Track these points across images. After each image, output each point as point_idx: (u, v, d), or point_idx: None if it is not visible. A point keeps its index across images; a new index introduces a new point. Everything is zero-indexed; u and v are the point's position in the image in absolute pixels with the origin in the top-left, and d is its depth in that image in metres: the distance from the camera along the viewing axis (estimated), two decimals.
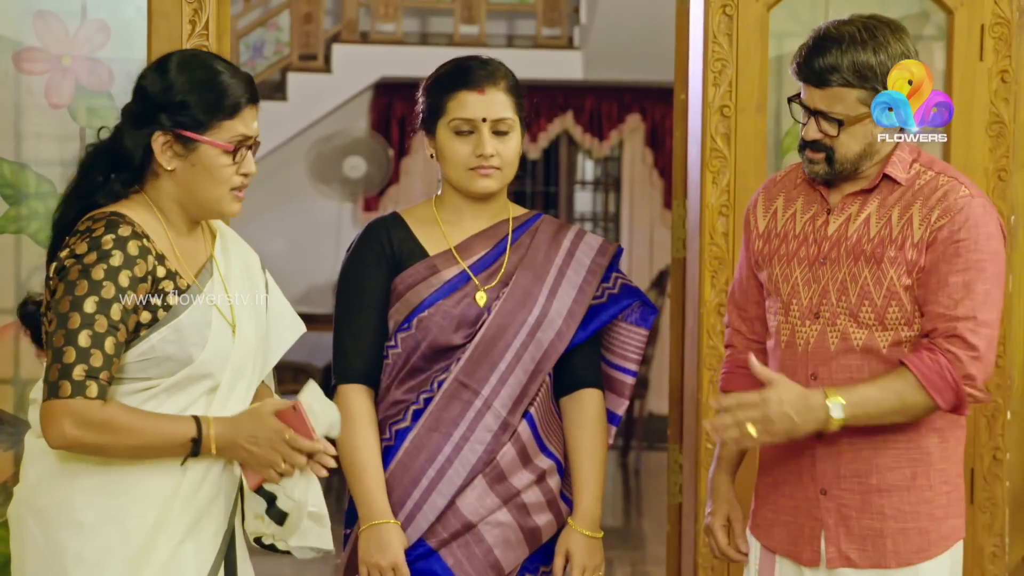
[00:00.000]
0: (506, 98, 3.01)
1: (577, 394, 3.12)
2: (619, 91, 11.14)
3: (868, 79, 2.84)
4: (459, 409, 3.00)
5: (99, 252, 2.55)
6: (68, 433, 2.53)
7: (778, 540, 3.01)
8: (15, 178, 3.61)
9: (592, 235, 3.18)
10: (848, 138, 2.88)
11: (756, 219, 3.08)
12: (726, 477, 3.12)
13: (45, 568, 2.61)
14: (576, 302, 3.07)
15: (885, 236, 2.89)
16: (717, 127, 3.79)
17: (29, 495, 2.66)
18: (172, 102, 2.64)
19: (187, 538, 2.63)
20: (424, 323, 3.01)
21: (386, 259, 3.07)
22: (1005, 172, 3.84)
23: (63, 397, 2.53)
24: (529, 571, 3.08)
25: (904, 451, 2.91)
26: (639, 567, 6.69)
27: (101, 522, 2.59)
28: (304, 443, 2.63)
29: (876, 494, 2.91)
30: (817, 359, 2.93)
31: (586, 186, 11.92)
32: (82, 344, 2.52)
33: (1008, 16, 3.83)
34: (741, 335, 3.13)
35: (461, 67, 3.04)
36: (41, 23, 3.58)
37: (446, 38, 11.04)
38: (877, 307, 2.88)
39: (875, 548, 2.91)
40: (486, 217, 3.10)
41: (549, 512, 3.08)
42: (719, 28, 3.78)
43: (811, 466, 2.95)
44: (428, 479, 2.99)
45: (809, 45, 2.89)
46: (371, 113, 11.14)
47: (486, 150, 2.99)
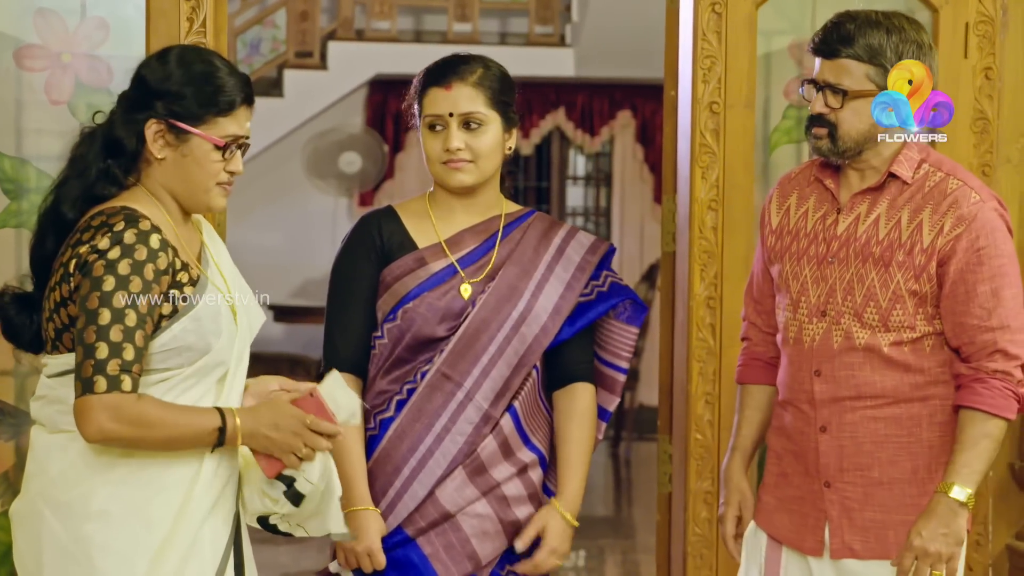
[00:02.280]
0: (474, 92, 3.04)
1: (569, 388, 3.14)
2: (610, 88, 11.17)
3: (878, 56, 2.88)
4: (441, 400, 3.04)
5: (122, 247, 2.56)
6: (106, 428, 2.54)
7: (780, 527, 3.05)
8: (16, 173, 3.63)
9: (585, 233, 3.20)
10: (851, 114, 2.91)
11: (770, 215, 3.11)
12: (740, 468, 3.14)
13: (69, 561, 2.61)
14: (563, 298, 3.10)
15: (894, 239, 2.92)
16: (706, 123, 3.82)
17: (49, 489, 2.65)
18: (169, 91, 2.66)
19: (205, 524, 2.66)
20: (409, 314, 3.05)
21: (376, 251, 3.11)
22: (989, 167, 3.88)
23: (99, 392, 2.53)
24: (509, 564, 3.11)
25: (905, 445, 2.94)
26: (629, 555, 6.68)
27: (127, 513, 2.61)
28: (325, 426, 2.66)
29: (878, 487, 2.95)
30: (821, 356, 2.97)
31: (577, 181, 11.94)
32: (114, 339, 2.53)
33: (992, 14, 3.86)
34: (757, 328, 3.16)
35: (433, 66, 3.10)
36: (41, 20, 3.61)
37: (440, 35, 11.07)
38: (882, 309, 2.91)
39: (878, 540, 2.95)
40: (478, 212, 3.13)
41: (530, 505, 3.10)
42: (708, 26, 3.81)
43: (815, 459, 2.98)
44: (409, 468, 3.03)
45: (828, 23, 2.95)
46: (366, 109, 11.16)
47: (451, 144, 3.02)
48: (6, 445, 3.64)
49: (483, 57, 3.12)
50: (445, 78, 3.05)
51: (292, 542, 2.94)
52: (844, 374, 2.94)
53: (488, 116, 3.05)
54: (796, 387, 3.00)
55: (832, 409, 2.95)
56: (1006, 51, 3.90)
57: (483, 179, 3.08)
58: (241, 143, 2.73)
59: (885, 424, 2.93)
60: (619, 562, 6.55)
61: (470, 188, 3.08)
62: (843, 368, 2.94)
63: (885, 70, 2.89)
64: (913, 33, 2.92)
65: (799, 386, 2.99)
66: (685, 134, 3.91)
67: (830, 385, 2.95)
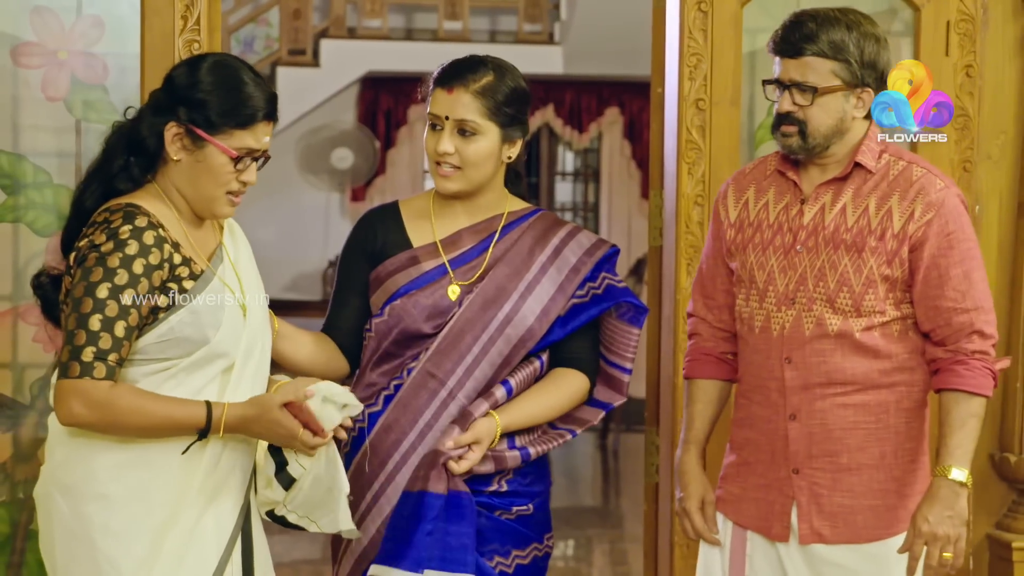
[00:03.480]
0: (473, 100, 3.02)
1: (561, 368, 3.14)
2: (598, 85, 11.21)
3: (841, 51, 2.93)
4: (426, 397, 3.06)
5: (116, 241, 2.64)
6: (75, 412, 2.61)
7: (747, 515, 3.08)
8: (13, 169, 3.67)
9: (588, 234, 3.17)
10: (820, 111, 2.95)
11: (727, 209, 3.14)
12: (696, 459, 3.18)
13: (74, 541, 2.69)
14: (552, 300, 3.08)
15: (863, 226, 2.97)
16: (692, 120, 3.84)
17: (56, 472, 2.73)
18: (192, 98, 2.71)
19: (207, 510, 2.72)
20: (396, 311, 3.07)
21: (371, 249, 3.14)
22: (970, 163, 3.91)
23: (72, 377, 2.61)
24: (500, 555, 3.09)
25: (873, 431, 2.99)
26: (617, 545, 6.71)
27: (126, 495, 2.67)
28: (314, 441, 2.72)
29: (847, 472, 2.99)
30: (792, 344, 3.00)
31: (566, 177, 11.99)
32: (92, 327, 2.60)
33: (972, 13, 3.89)
34: (706, 323, 3.19)
35: (444, 66, 3.09)
36: (38, 18, 3.64)
37: (431, 34, 11.10)
38: (855, 294, 2.96)
39: (846, 524, 3.00)
40: (479, 212, 3.14)
41: (492, 463, 3.06)
42: (694, 24, 3.83)
43: (784, 447, 3.02)
44: (393, 463, 3.06)
45: (786, 23, 2.99)
46: (358, 106, 11.20)
47: (440, 146, 3.03)
48: (4, 436, 3.69)
49: (500, 65, 3.09)
50: (450, 81, 3.04)
51: (284, 531, 2.96)
52: (815, 360, 2.98)
53: (483, 126, 3.03)
54: (765, 375, 3.04)
55: (802, 396, 3.00)
56: (987, 49, 3.93)
57: (471, 187, 3.08)
58: (258, 156, 2.78)
59: (854, 411, 2.99)
60: (607, 551, 6.59)
61: (457, 194, 3.09)
62: (814, 355, 2.99)
63: (849, 64, 2.94)
64: (870, 27, 2.97)
65: (768, 374, 3.03)
66: (672, 130, 3.93)
67: (801, 372, 2.99)
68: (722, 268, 3.16)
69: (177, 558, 2.68)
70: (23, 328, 3.69)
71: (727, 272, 3.15)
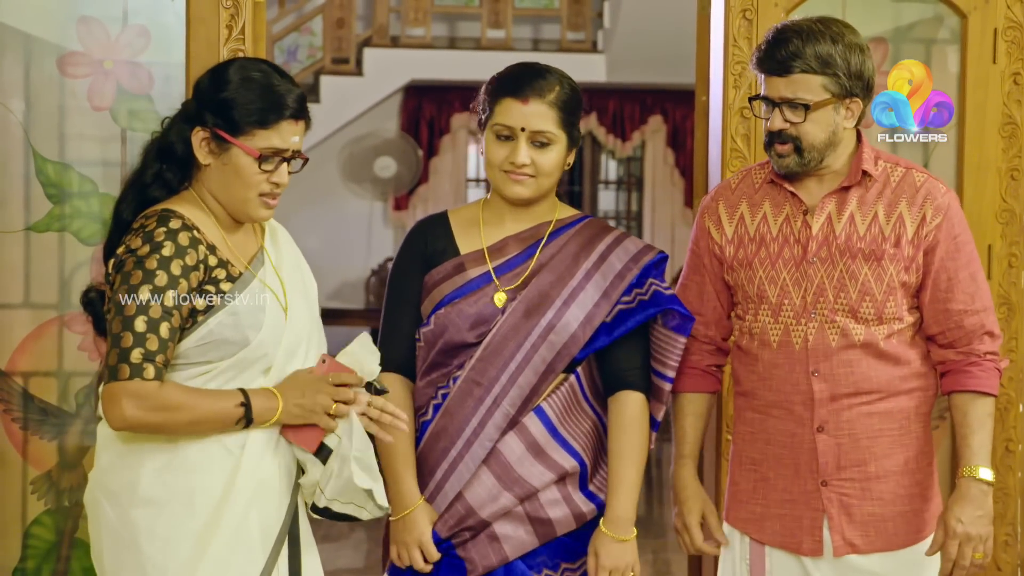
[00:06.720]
0: (549, 111, 3.02)
1: (618, 396, 3.10)
2: (641, 93, 11.22)
3: (829, 65, 2.92)
4: (471, 405, 3.05)
5: (152, 244, 2.67)
6: (128, 414, 2.64)
7: (771, 533, 3.08)
8: (59, 178, 3.70)
9: (635, 240, 3.15)
10: (813, 126, 2.95)
11: (720, 226, 3.13)
12: (693, 473, 3.19)
13: (120, 546, 2.71)
14: (597, 307, 3.07)
15: (877, 234, 2.98)
16: (737, 128, 3.82)
17: (102, 478, 2.76)
18: (216, 101, 2.75)
19: (251, 511, 2.73)
20: (441, 319, 3.08)
21: (422, 258, 3.14)
22: (1017, 172, 3.87)
23: (122, 379, 2.63)
24: (549, 568, 3.10)
25: (897, 438, 3.02)
26: (660, 555, 6.73)
27: (170, 499, 2.70)
28: (345, 376, 2.76)
29: (875, 481, 3.01)
30: (817, 356, 3.01)
31: (609, 185, 11.99)
32: (138, 329, 2.63)
33: (1021, 20, 3.86)
34: (692, 337, 3.17)
35: (513, 74, 3.07)
36: (84, 28, 3.67)
37: (473, 42, 11.13)
38: (877, 302, 2.98)
39: (878, 533, 3.01)
40: (528, 219, 3.14)
41: (566, 507, 3.09)
42: (739, 32, 3.82)
43: (811, 460, 3.02)
44: (442, 471, 3.06)
45: (769, 39, 2.97)
46: (401, 115, 11.24)
47: (518, 158, 3.02)
48: (49, 445, 3.72)
49: (560, 73, 3.09)
50: (523, 91, 3.03)
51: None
52: (843, 371, 2.99)
53: (557, 136, 3.04)
54: (788, 389, 3.03)
55: (830, 408, 3.00)
56: None
57: (540, 194, 3.08)
58: (288, 156, 2.78)
59: (879, 419, 3.00)
60: (650, 561, 6.59)
61: (528, 200, 3.09)
62: (842, 365, 2.99)
63: (838, 77, 2.93)
64: (853, 37, 2.96)
65: (792, 388, 3.03)
66: (716, 139, 3.92)
67: (829, 384, 3.00)
68: (711, 284, 3.16)
69: (222, 560, 2.70)
70: (68, 336, 3.72)
71: (721, 287, 3.15)
